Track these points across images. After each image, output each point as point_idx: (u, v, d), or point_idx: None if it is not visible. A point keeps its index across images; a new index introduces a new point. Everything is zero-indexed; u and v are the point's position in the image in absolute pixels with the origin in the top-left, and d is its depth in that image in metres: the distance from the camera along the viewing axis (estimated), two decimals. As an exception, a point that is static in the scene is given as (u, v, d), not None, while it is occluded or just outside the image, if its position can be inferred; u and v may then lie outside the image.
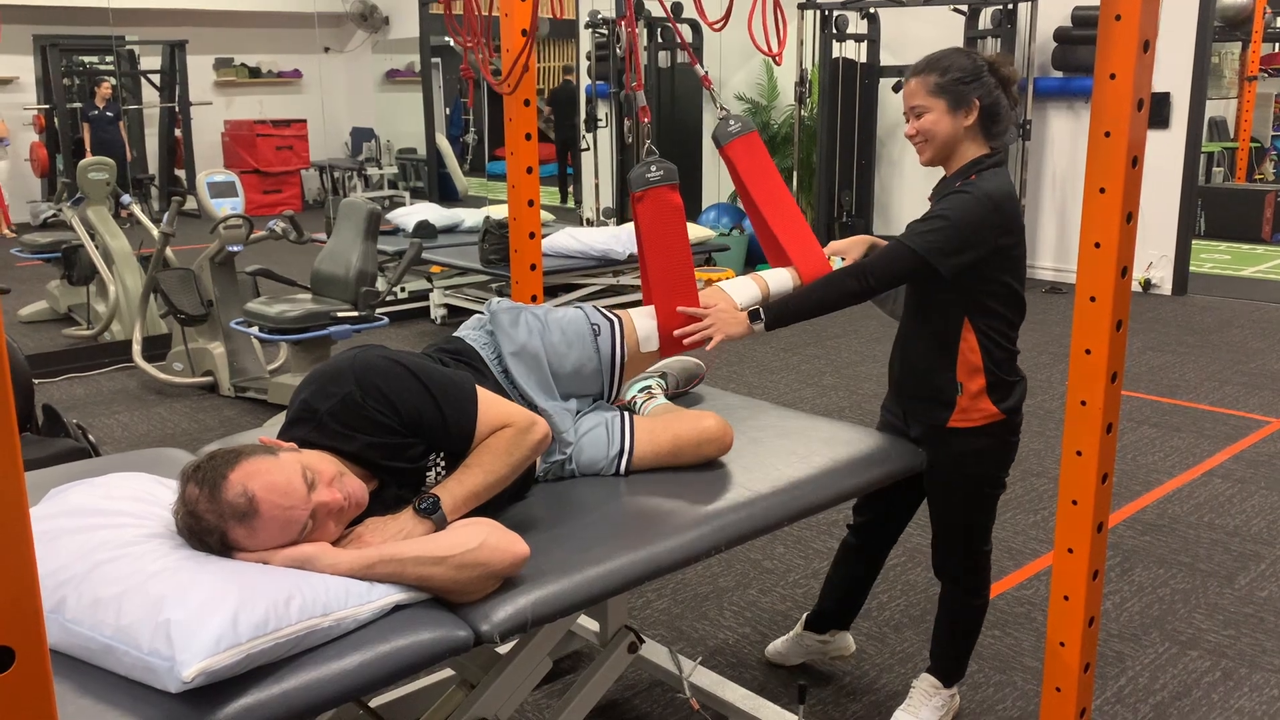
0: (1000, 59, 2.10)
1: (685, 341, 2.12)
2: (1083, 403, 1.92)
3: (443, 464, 1.72)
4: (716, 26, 2.52)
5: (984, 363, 2.10)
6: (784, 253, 2.30)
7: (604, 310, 2.15)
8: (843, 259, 2.31)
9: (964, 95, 2.05)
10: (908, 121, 2.12)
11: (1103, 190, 1.81)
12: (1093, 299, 1.87)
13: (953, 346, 2.11)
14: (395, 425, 1.65)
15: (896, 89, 7.94)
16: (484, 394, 1.76)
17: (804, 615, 2.69)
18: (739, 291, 2.23)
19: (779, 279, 2.28)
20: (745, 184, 2.28)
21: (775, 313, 2.10)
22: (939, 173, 2.17)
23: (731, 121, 2.28)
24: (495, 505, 1.74)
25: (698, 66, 2.51)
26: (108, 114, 10.40)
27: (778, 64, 2.71)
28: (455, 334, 2.07)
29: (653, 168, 2.13)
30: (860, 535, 2.52)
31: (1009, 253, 2.07)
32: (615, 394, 2.13)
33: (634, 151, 2.24)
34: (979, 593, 2.34)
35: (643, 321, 2.14)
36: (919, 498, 2.39)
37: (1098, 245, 1.84)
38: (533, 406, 1.95)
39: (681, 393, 2.41)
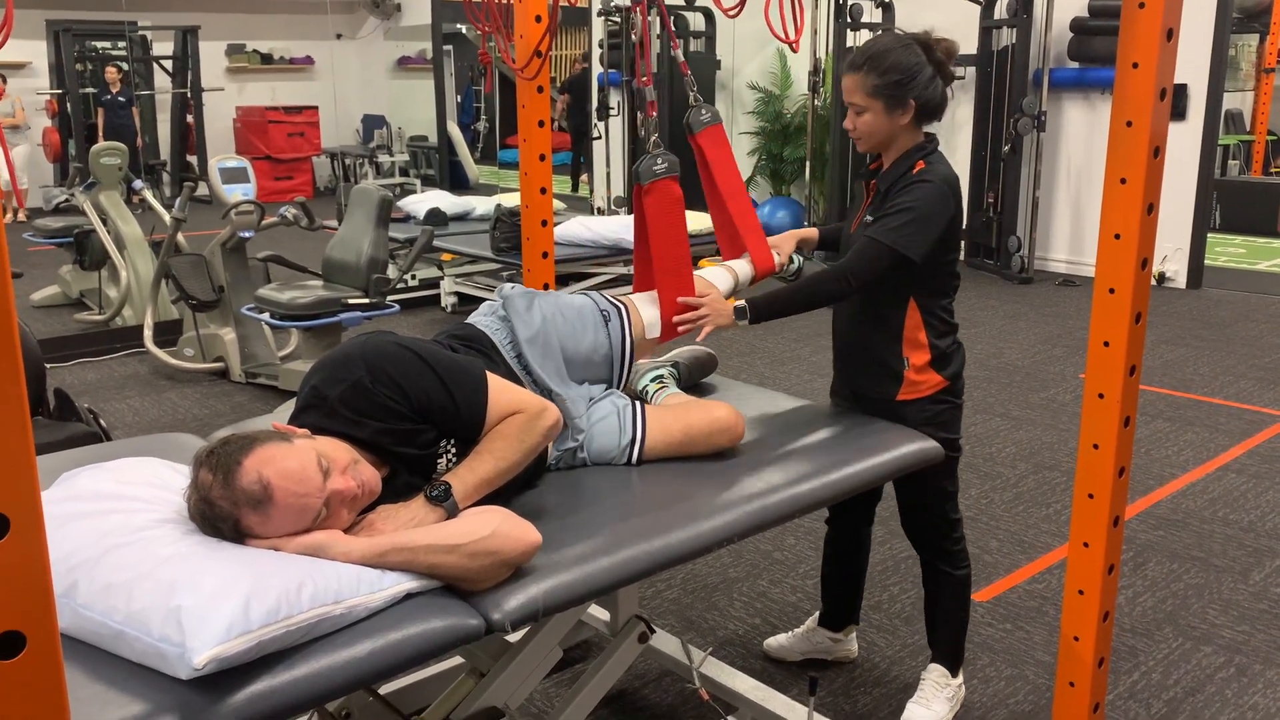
0: (937, 39, 2.13)
1: (680, 329, 2.19)
2: (1100, 395, 1.90)
3: (454, 450, 1.71)
4: (731, 13, 2.52)
5: (927, 338, 2.19)
6: (740, 242, 2.38)
7: (610, 297, 2.17)
8: (778, 252, 2.40)
9: (901, 97, 2.09)
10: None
11: (1124, 181, 1.79)
12: (1112, 290, 1.85)
13: (898, 326, 2.19)
14: (405, 411, 1.64)
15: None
16: (494, 380, 1.75)
17: (816, 613, 2.69)
18: (719, 281, 2.30)
19: (742, 269, 2.36)
20: (711, 173, 2.35)
21: (759, 310, 2.14)
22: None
23: (703, 111, 2.35)
24: (507, 493, 1.73)
25: (677, 52, 2.57)
26: (120, 99, 10.40)
27: (794, 51, 2.71)
28: (467, 320, 2.06)
29: (659, 160, 2.19)
30: (837, 523, 2.56)
31: (956, 231, 2.16)
32: (625, 380, 2.13)
33: (643, 144, 2.25)
34: (959, 564, 2.36)
35: (647, 309, 2.18)
36: None
37: (1118, 236, 1.82)
38: (547, 391, 1.94)
39: (693, 383, 2.40)
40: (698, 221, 3.78)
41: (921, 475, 2.23)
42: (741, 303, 2.14)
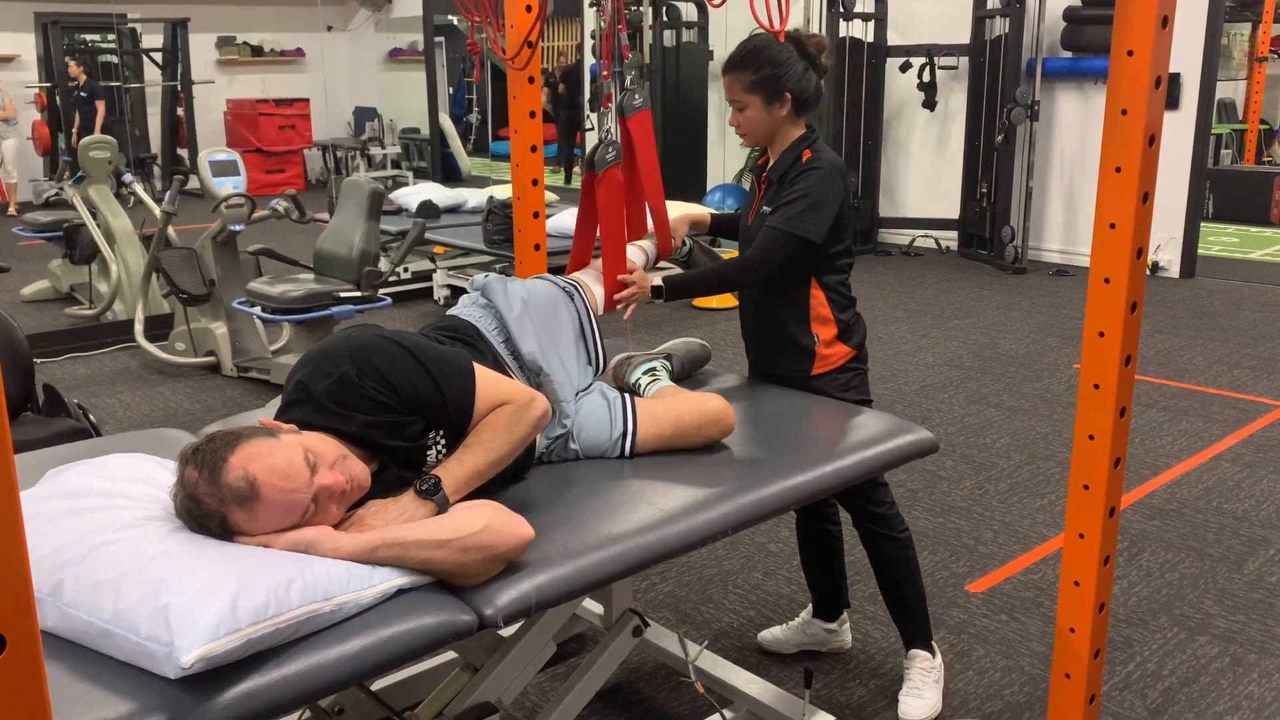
0: (808, 35, 2.27)
1: (619, 305, 2.30)
2: (1096, 386, 1.89)
3: (443, 443, 1.70)
4: (715, 2, 2.53)
5: (832, 314, 2.32)
6: (645, 224, 2.50)
7: (564, 279, 2.26)
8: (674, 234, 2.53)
9: (776, 90, 2.22)
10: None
11: (1119, 170, 1.78)
12: (1107, 280, 1.83)
13: (804, 306, 2.32)
14: (393, 404, 1.62)
15: (904, 69, 7.89)
16: (482, 371, 1.74)
17: (809, 605, 2.68)
18: (637, 259, 2.42)
19: (651, 249, 2.49)
20: (636, 156, 2.43)
21: (674, 290, 2.28)
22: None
23: (636, 96, 2.44)
24: (497, 485, 1.72)
25: (624, 33, 2.61)
26: (82, 94, 10.29)
27: (780, 42, 2.70)
28: (449, 313, 2.06)
29: (610, 150, 2.34)
30: (804, 510, 2.57)
31: (847, 212, 2.28)
32: (601, 357, 2.13)
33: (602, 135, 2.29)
34: (897, 527, 2.42)
35: (595, 287, 2.29)
36: None
37: (1113, 226, 1.81)
38: (535, 373, 1.94)
39: (687, 376, 2.39)
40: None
41: None
42: (658, 282, 2.28)
